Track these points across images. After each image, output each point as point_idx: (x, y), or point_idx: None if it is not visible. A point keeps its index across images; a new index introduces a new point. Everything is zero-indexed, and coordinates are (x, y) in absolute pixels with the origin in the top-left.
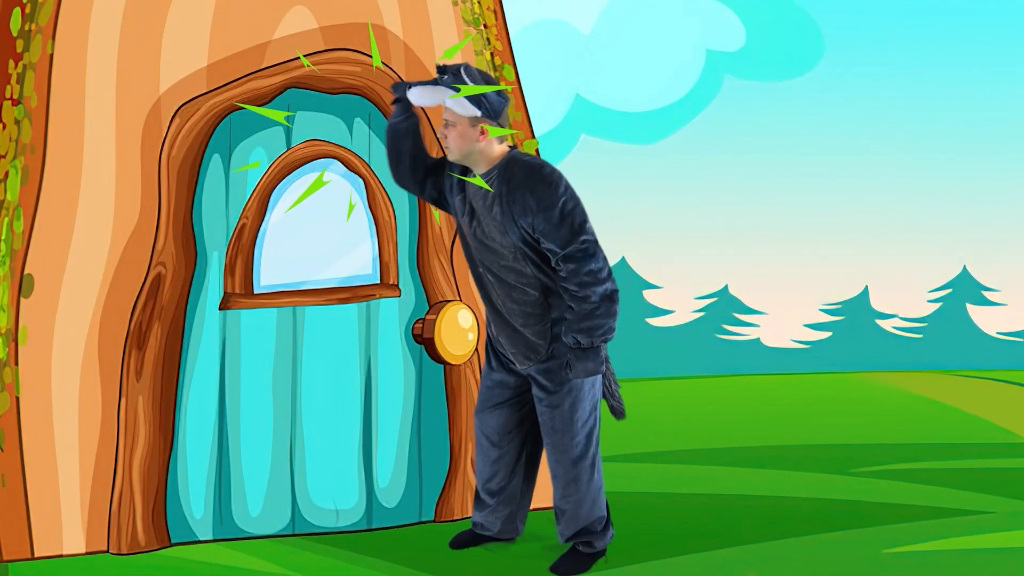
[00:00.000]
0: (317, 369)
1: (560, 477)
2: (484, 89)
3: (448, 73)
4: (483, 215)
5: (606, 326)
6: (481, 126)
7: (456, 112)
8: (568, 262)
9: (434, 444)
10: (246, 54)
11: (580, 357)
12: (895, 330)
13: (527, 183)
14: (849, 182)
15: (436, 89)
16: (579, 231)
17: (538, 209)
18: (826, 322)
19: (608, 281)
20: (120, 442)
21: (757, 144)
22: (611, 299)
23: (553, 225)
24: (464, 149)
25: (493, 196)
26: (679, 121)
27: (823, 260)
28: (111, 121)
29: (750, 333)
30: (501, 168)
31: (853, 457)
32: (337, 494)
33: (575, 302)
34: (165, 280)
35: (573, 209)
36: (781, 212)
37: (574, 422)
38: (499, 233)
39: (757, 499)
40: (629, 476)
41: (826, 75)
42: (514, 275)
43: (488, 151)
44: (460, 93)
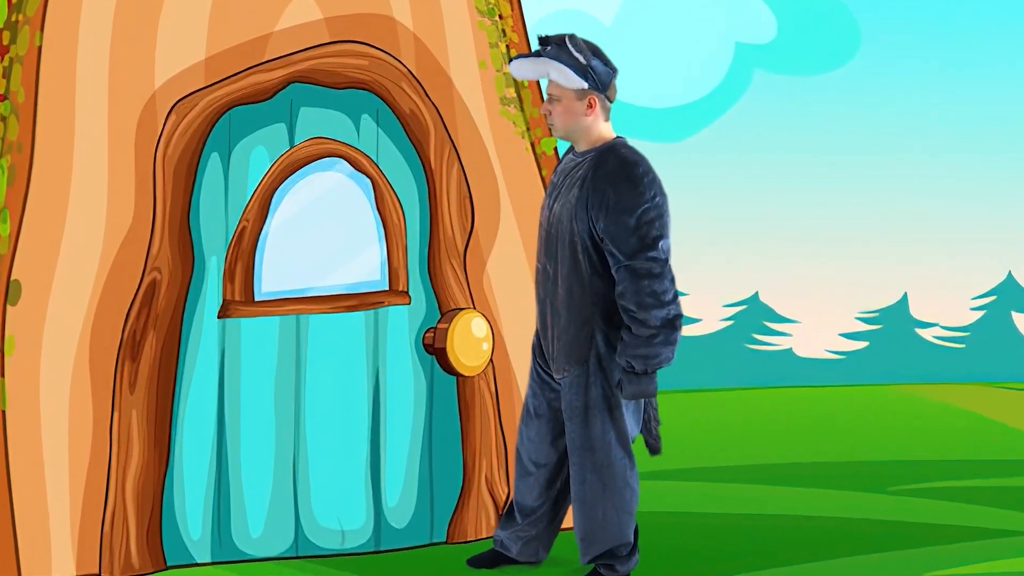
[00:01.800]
0: (322, 381)
1: (584, 498)
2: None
3: (551, 44)
4: (563, 195)
5: (663, 355)
6: (589, 99)
7: (561, 85)
8: (629, 276)
9: (446, 461)
10: (246, 47)
11: (633, 381)
12: (936, 340)
13: (613, 176)
14: (887, 182)
15: (540, 61)
16: (650, 246)
17: (614, 208)
18: (863, 331)
19: (672, 305)
20: (113, 458)
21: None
22: (672, 326)
23: (624, 231)
24: (570, 125)
25: (579, 177)
26: (706, 118)
27: (859, 265)
28: (103, 118)
29: (782, 343)
30: (598, 153)
31: (891, 474)
32: (343, 514)
33: (633, 324)
34: (160, 286)
35: (652, 221)
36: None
37: (605, 441)
38: (568, 217)
39: (789, 519)
40: (653, 494)
41: (863, 69)
42: (570, 268)
43: (593, 129)
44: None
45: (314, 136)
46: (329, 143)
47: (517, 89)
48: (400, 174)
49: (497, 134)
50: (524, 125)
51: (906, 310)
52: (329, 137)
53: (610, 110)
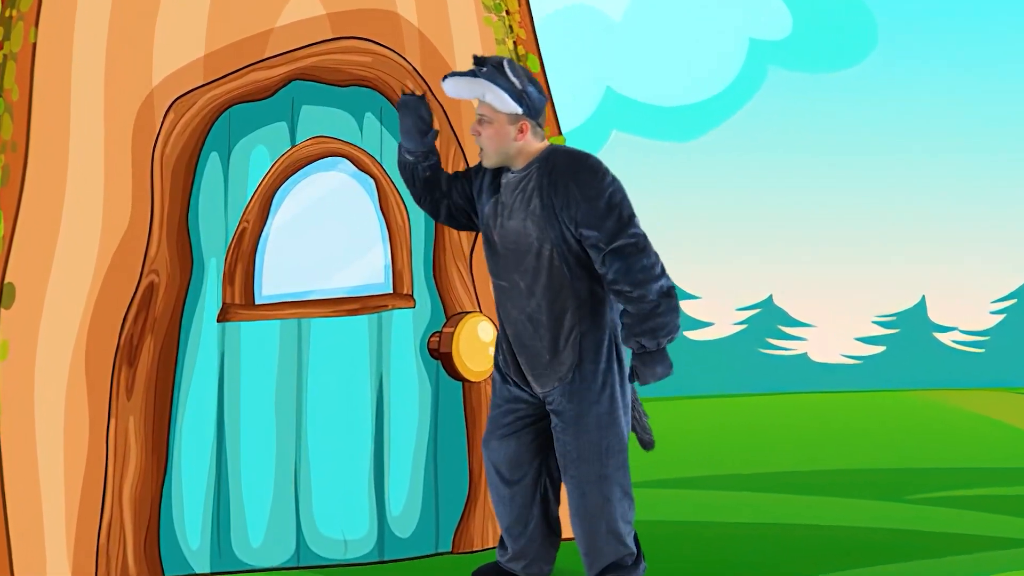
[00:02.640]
0: (324, 387)
1: (585, 512)
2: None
3: (488, 66)
4: (517, 212)
5: (670, 324)
6: (521, 124)
7: (495, 108)
8: (616, 258)
9: (452, 469)
10: (247, 43)
11: (647, 362)
12: (955, 344)
13: (570, 172)
14: (905, 182)
15: (476, 81)
16: (628, 223)
17: (582, 199)
18: (879, 335)
19: (664, 277)
20: (109, 466)
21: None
22: (670, 295)
23: (599, 216)
24: (501, 148)
25: (533, 189)
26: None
27: (876, 268)
28: (99, 116)
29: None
30: (541, 160)
31: (909, 482)
32: (346, 523)
33: (632, 304)
34: (158, 289)
35: (621, 201)
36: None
37: (602, 451)
38: (536, 228)
39: (803, 528)
40: (664, 503)
41: (880, 66)
42: (545, 278)
43: (527, 148)
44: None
45: (316, 135)
46: (331, 142)
47: None
48: None
49: None
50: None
51: (924, 314)
52: (331, 136)
53: (543, 135)
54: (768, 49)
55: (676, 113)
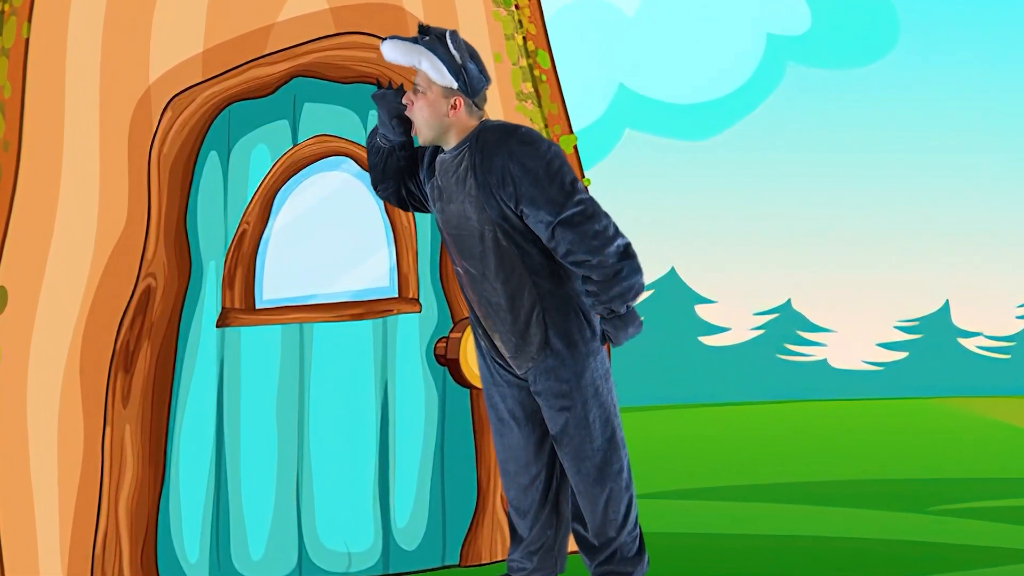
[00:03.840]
0: (327, 394)
1: (584, 492)
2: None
3: (431, 35)
4: (456, 194)
5: (636, 284)
6: (455, 100)
7: (430, 78)
8: (567, 229)
9: (459, 479)
10: (247, 39)
11: (619, 326)
12: (979, 350)
13: (503, 147)
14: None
15: (413, 48)
16: (572, 190)
17: (521, 174)
18: (902, 341)
19: (619, 236)
20: (105, 476)
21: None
22: (628, 254)
23: (541, 188)
24: (430, 120)
25: (466, 169)
26: (735, 114)
27: (898, 271)
28: (95, 114)
29: (816, 353)
30: (473, 138)
31: (932, 493)
32: (349, 535)
33: (593, 272)
34: (155, 293)
35: (561, 167)
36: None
37: (590, 423)
38: (475, 210)
39: (823, 540)
40: (679, 515)
41: (902, 62)
42: (495, 263)
43: (459, 124)
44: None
45: (319, 133)
46: (335, 141)
47: (535, 84)
48: None
49: None
50: (542, 121)
51: (948, 318)
52: (335, 135)
53: (481, 116)
54: (786, 45)
55: (691, 111)
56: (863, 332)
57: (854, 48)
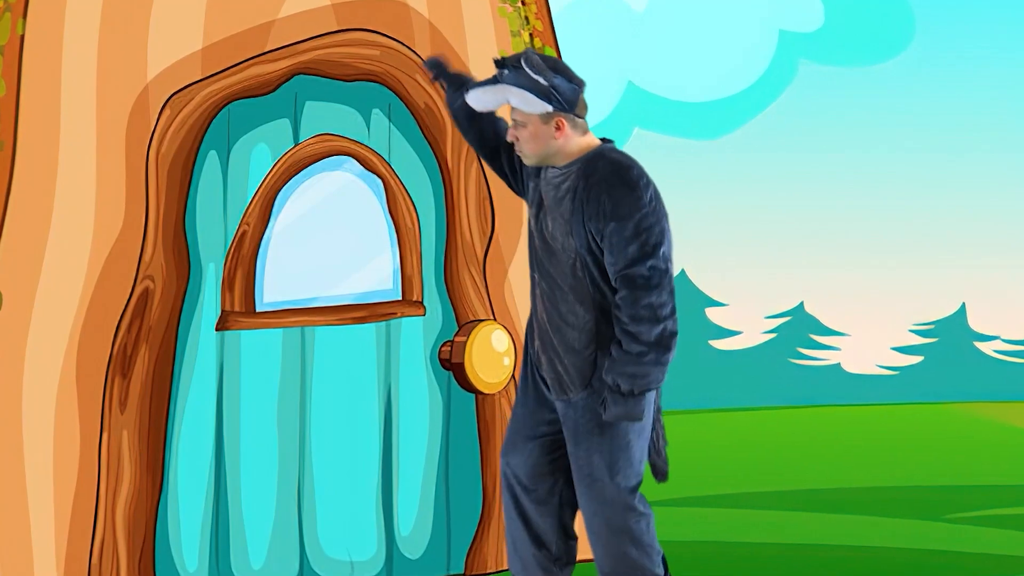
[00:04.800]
0: (329, 399)
1: (602, 535)
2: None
3: (508, 67)
4: (551, 210)
5: (652, 376)
6: (556, 120)
7: (524, 111)
8: (625, 286)
9: (464, 486)
10: (247, 35)
11: (618, 401)
12: (997, 354)
13: (607, 182)
14: (943, 183)
15: (498, 88)
16: (650, 254)
17: (611, 215)
18: (917, 345)
19: (668, 320)
20: (101, 483)
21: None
22: (666, 345)
23: (623, 238)
24: (540, 151)
25: (567, 190)
26: (747, 113)
27: (914, 273)
28: (91, 113)
29: (829, 357)
30: (584, 162)
31: (948, 500)
32: (352, 544)
33: (624, 338)
34: (153, 296)
35: (651, 227)
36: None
37: (616, 468)
38: (563, 233)
39: (838, 549)
40: (690, 522)
41: (917, 60)
42: (570, 286)
43: (568, 146)
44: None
45: (321, 132)
46: (337, 140)
47: None
48: (414, 174)
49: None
50: None
51: (964, 322)
52: (337, 134)
53: (586, 124)
54: (799, 42)
55: (701, 109)
56: (878, 336)
57: (868, 45)
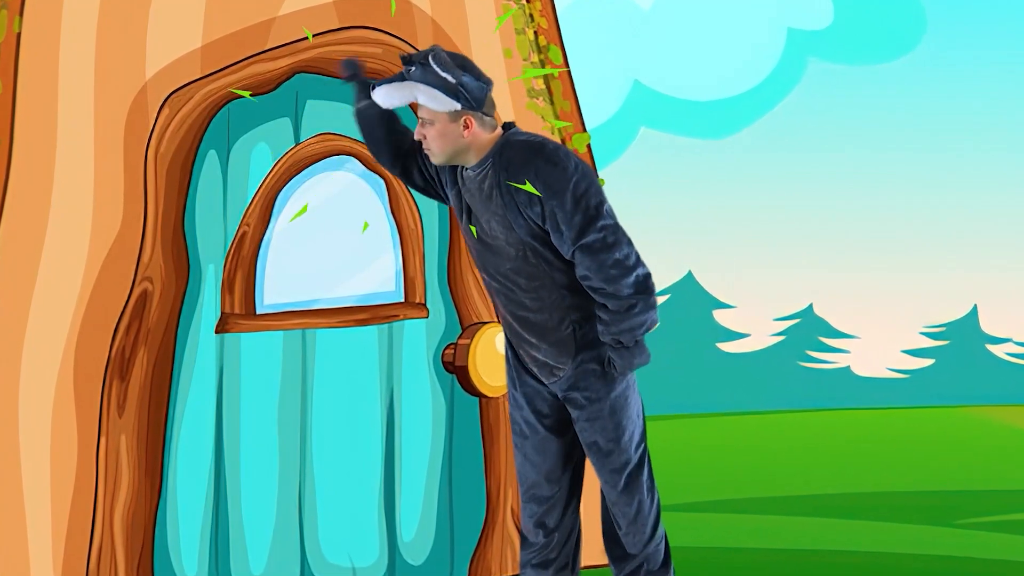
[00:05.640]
0: (330, 402)
1: (617, 501)
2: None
3: (415, 64)
4: (482, 211)
5: (648, 320)
6: (464, 119)
7: (432, 109)
8: (586, 255)
9: (468, 490)
10: (247, 33)
11: (624, 355)
12: (1009, 357)
13: (529, 165)
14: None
15: (405, 85)
16: (595, 216)
17: (546, 195)
18: (928, 348)
19: (638, 267)
20: (99, 487)
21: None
22: (645, 288)
23: (565, 212)
24: (448, 149)
25: (491, 186)
26: (755, 112)
27: (924, 275)
28: (89, 111)
29: (839, 360)
30: (495, 154)
31: (959, 506)
32: (354, 549)
33: (608, 300)
34: (152, 298)
35: (587, 190)
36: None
37: (621, 433)
38: (503, 228)
39: (846, 555)
40: (698, 528)
41: (928, 58)
42: (525, 278)
43: (477, 143)
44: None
45: (322, 132)
46: (338, 139)
47: (546, 80)
48: None
49: (525, 129)
50: (554, 120)
51: (976, 324)
52: (338, 133)
53: (495, 121)
54: (808, 40)
55: (709, 108)
56: (888, 338)
57: (878, 43)
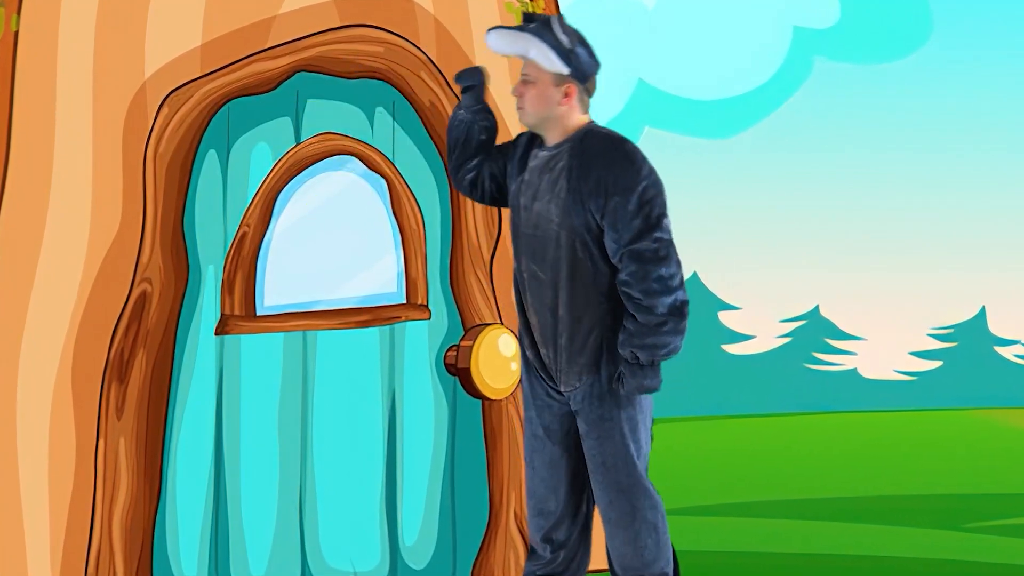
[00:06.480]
0: (331, 405)
1: (615, 519)
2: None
3: (537, 22)
4: (543, 192)
5: (671, 345)
6: (567, 87)
7: (540, 66)
8: (633, 260)
9: (470, 494)
10: (247, 31)
11: (636, 373)
12: (1017, 359)
13: (605, 158)
14: (962, 182)
15: (520, 36)
16: (655, 226)
17: (614, 190)
18: (936, 349)
19: (679, 290)
20: (98, 491)
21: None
22: (680, 313)
23: (627, 212)
24: (542, 112)
25: (561, 170)
26: (760, 111)
27: (932, 276)
28: (87, 110)
29: (846, 362)
30: (576, 140)
31: (967, 509)
32: (355, 553)
33: (639, 312)
34: (151, 299)
35: (653, 199)
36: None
37: (629, 455)
38: (559, 214)
39: (854, 559)
40: (704, 532)
41: (935, 57)
42: (566, 271)
43: (567, 119)
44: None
45: (323, 131)
46: (339, 139)
47: None
48: (419, 174)
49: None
50: None
51: (984, 326)
52: (339, 132)
53: (588, 105)
54: (813, 38)
55: (714, 108)
56: (895, 340)
57: (885, 42)
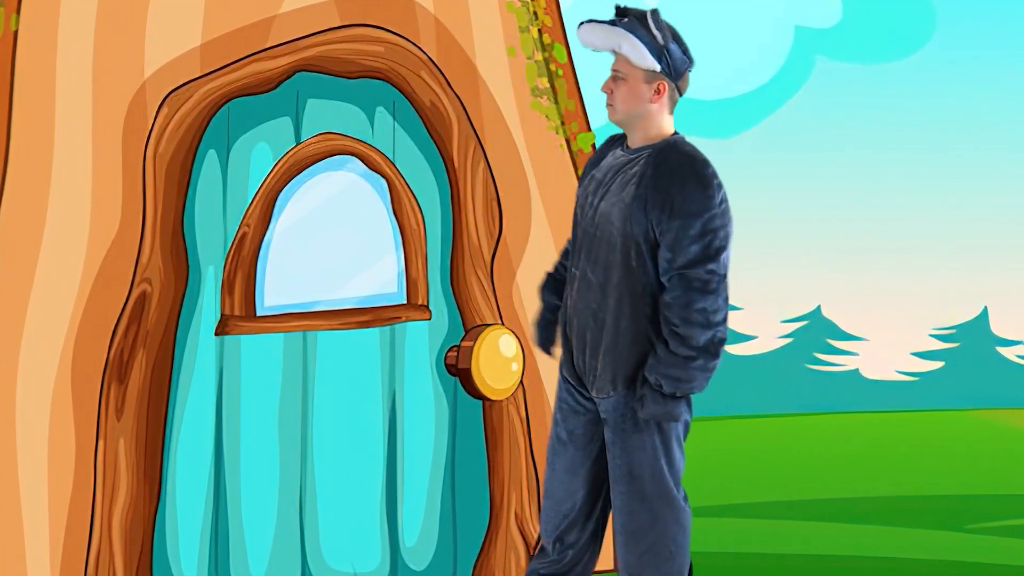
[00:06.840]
0: (332, 405)
1: (633, 530)
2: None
3: (630, 16)
4: (612, 195)
5: (696, 382)
6: (658, 84)
7: (631, 62)
8: (680, 286)
9: (471, 495)
10: (247, 31)
11: (657, 400)
12: (1020, 359)
13: (679, 175)
14: (965, 182)
15: (612, 31)
16: (712, 257)
17: (680, 211)
18: (938, 350)
19: (719, 327)
20: (97, 492)
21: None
22: (714, 352)
23: (687, 236)
24: (631, 109)
25: (633, 175)
26: (761, 111)
27: (934, 276)
28: (87, 110)
29: (847, 363)
30: (657, 150)
31: (970, 510)
32: (355, 554)
33: (672, 340)
34: (151, 300)
35: (717, 230)
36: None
37: (659, 466)
38: (621, 219)
39: (855, 560)
40: (704, 532)
41: (937, 56)
42: (617, 276)
43: (654, 120)
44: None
45: (323, 131)
46: (340, 139)
47: (551, 79)
48: (419, 174)
49: (528, 129)
50: (558, 119)
51: (986, 326)
52: (340, 132)
53: (676, 104)
54: (815, 38)
55: (715, 107)
56: (897, 341)
57: (887, 42)
